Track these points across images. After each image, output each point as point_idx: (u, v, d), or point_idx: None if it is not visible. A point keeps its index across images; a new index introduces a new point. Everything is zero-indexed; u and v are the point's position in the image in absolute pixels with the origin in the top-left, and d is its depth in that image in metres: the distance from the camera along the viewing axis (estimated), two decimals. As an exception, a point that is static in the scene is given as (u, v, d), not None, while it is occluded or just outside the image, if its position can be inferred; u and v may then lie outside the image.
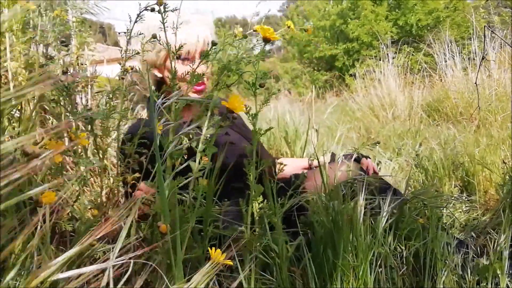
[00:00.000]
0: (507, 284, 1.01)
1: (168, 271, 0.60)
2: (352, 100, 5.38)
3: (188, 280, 0.49)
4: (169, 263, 0.53)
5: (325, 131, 3.70)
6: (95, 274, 0.41)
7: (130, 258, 0.42)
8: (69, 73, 0.69)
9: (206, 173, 0.86)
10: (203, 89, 1.35)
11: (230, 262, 0.57)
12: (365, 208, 1.03)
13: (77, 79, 0.71)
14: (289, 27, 1.16)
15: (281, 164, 0.96)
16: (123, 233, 0.44)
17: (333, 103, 4.86)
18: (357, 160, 1.40)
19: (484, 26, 1.57)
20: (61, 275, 0.39)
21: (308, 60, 12.13)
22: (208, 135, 0.86)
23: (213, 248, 0.56)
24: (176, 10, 0.83)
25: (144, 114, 1.98)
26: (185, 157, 0.89)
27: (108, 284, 0.41)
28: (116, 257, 0.41)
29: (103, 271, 0.43)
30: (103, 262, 0.39)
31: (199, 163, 0.85)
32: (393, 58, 5.26)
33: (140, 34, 1.04)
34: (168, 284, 0.48)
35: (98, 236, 0.41)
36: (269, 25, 1.02)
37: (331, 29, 11.22)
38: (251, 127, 0.94)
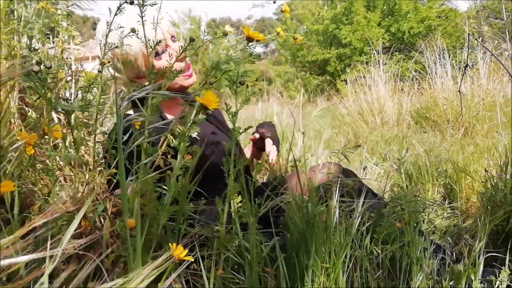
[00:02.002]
0: (480, 289, 1.02)
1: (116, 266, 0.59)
2: (342, 105, 5.41)
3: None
4: (130, 260, 0.53)
5: (314, 135, 3.71)
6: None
7: (88, 248, 0.41)
8: (43, 64, 0.68)
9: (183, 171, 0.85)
10: (191, 74, 1.34)
11: (190, 258, 0.56)
12: (343, 211, 1.04)
13: (52, 70, 0.69)
14: (278, 33, 1.17)
15: (259, 164, 0.96)
16: (72, 226, 0.43)
17: (323, 106, 4.88)
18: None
19: (468, 34, 1.58)
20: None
21: (300, 63, 12.17)
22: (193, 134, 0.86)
23: (174, 244, 0.55)
24: (156, 4, 0.83)
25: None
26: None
27: (52, 272, 0.40)
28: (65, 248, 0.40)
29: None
30: (40, 252, 0.38)
31: (181, 160, 0.84)
32: (384, 64, 5.30)
33: (120, 27, 1.03)
34: (107, 278, 0.47)
35: (34, 225, 0.40)
36: (264, 28, 1.01)
37: (324, 34, 11.28)
38: (231, 126, 0.94)
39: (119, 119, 0.58)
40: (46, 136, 0.85)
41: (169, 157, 0.84)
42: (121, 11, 0.85)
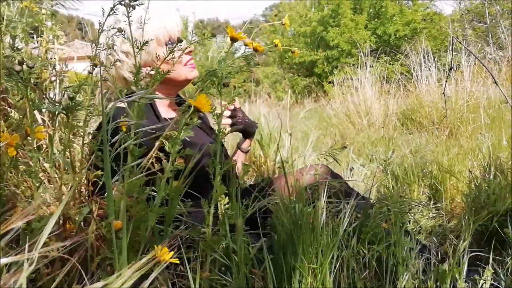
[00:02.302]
0: (464, 288, 1.03)
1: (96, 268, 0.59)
2: (329, 107, 5.44)
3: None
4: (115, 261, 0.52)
5: (301, 136, 3.73)
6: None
7: (73, 250, 0.41)
8: (25, 64, 0.67)
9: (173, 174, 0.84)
10: (194, 66, 1.36)
11: (176, 260, 0.56)
12: (330, 212, 1.04)
13: (34, 70, 0.68)
14: (276, 45, 1.18)
15: (246, 165, 0.96)
16: (48, 227, 0.43)
17: (310, 108, 4.90)
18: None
19: (452, 37, 1.61)
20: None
21: (288, 65, 12.22)
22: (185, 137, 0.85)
23: (159, 246, 0.55)
24: (142, 4, 0.82)
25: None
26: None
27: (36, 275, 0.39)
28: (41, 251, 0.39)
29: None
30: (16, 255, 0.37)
31: (173, 164, 0.84)
32: (371, 66, 5.36)
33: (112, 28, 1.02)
34: (87, 281, 0.46)
35: (10, 227, 0.39)
36: (252, 29, 1.02)
37: (312, 36, 11.35)
38: (216, 127, 0.93)
39: (105, 120, 0.58)
40: (29, 138, 0.83)
41: (160, 159, 0.84)
42: (114, 12, 0.84)
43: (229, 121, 1.50)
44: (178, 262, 0.58)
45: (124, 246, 0.50)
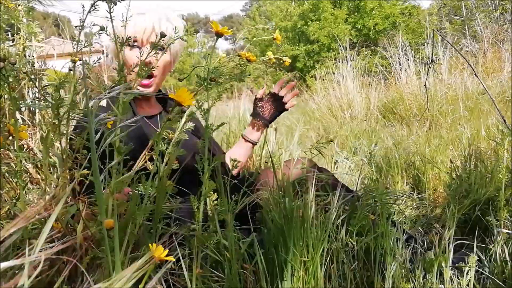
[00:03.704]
0: (450, 276, 1.05)
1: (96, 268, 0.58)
2: (312, 101, 5.47)
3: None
4: (107, 261, 0.51)
5: (285, 131, 3.74)
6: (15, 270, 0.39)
7: (62, 252, 0.40)
8: (7, 61, 0.65)
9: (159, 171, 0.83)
10: (149, 84, 1.31)
11: (171, 258, 0.55)
12: (318, 205, 1.05)
13: (17, 68, 0.66)
14: (269, 58, 1.19)
15: (234, 160, 0.96)
16: (47, 226, 0.42)
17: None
18: None
19: (433, 30, 1.63)
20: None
21: (270, 60, 12.21)
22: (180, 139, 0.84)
23: (154, 244, 0.54)
24: (125, 0, 0.81)
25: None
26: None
27: (34, 278, 0.38)
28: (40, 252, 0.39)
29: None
30: (18, 258, 0.36)
31: (167, 164, 0.83)
32: (352, 60, 5.40)
33: (94, 25, 1.00)
34: (91, 281, 0.45)
35: (11, 231, 0.38)
36: (232, 24, 1.01)
37: (293, 30, 11.38)
38: (203, 123, 0.92)
39: (90, 117, 0.57)
40: (10, 137, 0.81)
41: (152, 158, 0.82)
42: (95, 8, 0.82)
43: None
44: (174, 260, 0.57)
45: (117, 245, 0.49)
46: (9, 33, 1.70)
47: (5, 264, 0.35)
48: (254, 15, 13.46)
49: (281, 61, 1.16)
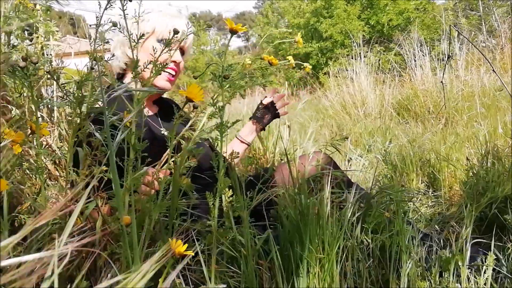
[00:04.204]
0: (467, 275, 1.04)
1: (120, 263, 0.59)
2: (325, 98, 5.45)
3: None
4: (125, 256, 0.52)
5: (298, 128, 3.73)
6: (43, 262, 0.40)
7: (82, 246, 0.41)
8: (29, 60, 0.66)
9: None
10: (174, 80, 1.34)
11: (190, 253, 0.56)
12: (332, 202, 1.05)
13: (39, 67, 0.68)
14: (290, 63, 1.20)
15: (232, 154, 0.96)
16: (71, 220, 0.43)
17: (307, 99, 4.90)
18: None
19: (450, 26, 1.61)
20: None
21: (282, 57, 12.18)
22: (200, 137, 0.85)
23: (174, 239, 0.55)
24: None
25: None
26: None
27: (53, 273, 0.39)
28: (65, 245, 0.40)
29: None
30: (47, 250, 0.37)
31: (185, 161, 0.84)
32: (365, 57, 5.36)
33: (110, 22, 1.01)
34: (116, 271, 0.46)
35: (39, 224, 0.39)
36: (244, 21, 1.01)
37: (306, 27, 11.32)
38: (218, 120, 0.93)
39: (106, 115, 0.57)
40: (32, 135, 0.82)
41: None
42: (111, 5, 0.83)
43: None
44: (193, 254, 0.58)
45: (135, 240, 0.50)
46: (25, 32, 1.73)
47: (35, 256, 0.36)
48: (267, 12, 13.42)
49: (302, 67, 1.17)
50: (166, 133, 0.85)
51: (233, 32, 0.91)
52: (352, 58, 5.40)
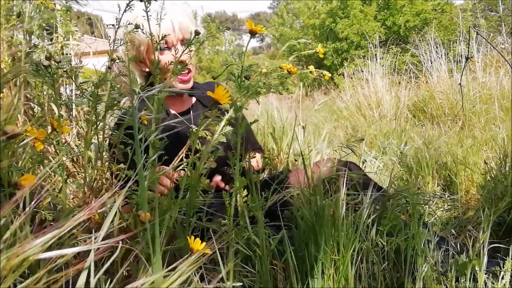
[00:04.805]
0: (484, 280, 1.03)
1: (148, 260, 0.59)
2: (340, 99, 5.42)
3: (173, 270, 0.48)
4: (148, 252, 0.53)
5: (312, 129, 3.72)
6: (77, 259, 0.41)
7: (113, 243, 0.42)
8: (52, 59, 0.68)
9: (190, 165, 0.85)
10: (189, 79, 1.35)
11: (209, 251, 0.57)
12: (348, 203, 1.04)
13: (62, 66, 0.69)
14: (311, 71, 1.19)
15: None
16: (109, 218, 0.44)
17: (321, 101, 4.88)
18: None
19: (469, 27, 1.59)
20: (42, 255, 0.39)
21: (297, 57, 12.15)
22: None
23: (193, 237, 0.56)
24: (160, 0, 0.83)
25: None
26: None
27: (90, 267, 0.41)
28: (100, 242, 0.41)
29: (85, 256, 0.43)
30: (85, 244, 0.39)
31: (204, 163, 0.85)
32: (381, 58, 5.31)
33: (129, 24, 1.03)
34: (151, 271, 0.47)
35: (78, 220, 0.40)
36: (259, 22, 1.01)
37: (321, 28, 11.26)
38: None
39: (135, 114, 0.58)
40: (53, 132, 0.84)
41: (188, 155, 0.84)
42: (130, 7, 0.85)
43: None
44: (211, 252, 0.59)
45: (157, 237, 0.51)
46: (45, 31, 1.77)
47: (74, 249, 0.37)
48: (282, 13, 13.40)
49: (322, 74, 1.16)
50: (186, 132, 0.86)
51: (253, 33, 0.91)
52: (368, 59, 5.35)
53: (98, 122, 0.91)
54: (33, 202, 0.72)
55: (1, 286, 0.43)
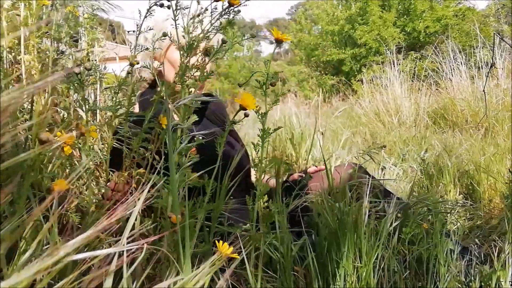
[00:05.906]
0: (510, 291, 1.01)
1: (175, 263, 0.61)
2: (358, 105, 5.38)
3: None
4: (177, 255, 0.54)
5: (330, 135, 3.71)
6: (105, 260, 0.42)
7: (140, 245, 0.43)
8: (82, 66, 0.70)
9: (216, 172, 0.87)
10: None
11: (236, 256, 0.57)
12: (369, 211, 1.04)
13: (91, 72, 0.72)
14: None
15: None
16: (131, 220, 0.45)
17: (340, 107, 4.86)
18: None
19: (494, 33, 1.57)
20: (75, 256, 0.40)
21: (315, 63, 12.12)
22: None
23: (220, 241, 0.57)
24: (188, 8, 0.84)
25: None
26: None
27: (121, 268, 0.42)
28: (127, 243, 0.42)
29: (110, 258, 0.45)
30: (115, 246, 0.40)
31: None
32: (399, 64, 5.26)
33: (150, 29, 1.05)
34: (180, 270, 0.48)
35: (110, 221, 0.42)
36: (278, 28, 1.03)
37: (339, 34, 11.22)
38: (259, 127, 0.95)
39: (170, 118, 0.60)
40: (81, 137, 0.87)
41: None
42: (150, 13, 0.87)
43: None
44: (238, 257, 0.59)
45: (187, 239, 0.52)
46: (72, 39, 1.82)
47: (108, 251, 0.39)
48: (300, 19, 13.40)
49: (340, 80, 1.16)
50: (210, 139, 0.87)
51: (279, 41, 0.91)
52: (386, 66, 5.31)
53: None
54: (61, 205, 0.74)
55: (37, 286, 0.44)
